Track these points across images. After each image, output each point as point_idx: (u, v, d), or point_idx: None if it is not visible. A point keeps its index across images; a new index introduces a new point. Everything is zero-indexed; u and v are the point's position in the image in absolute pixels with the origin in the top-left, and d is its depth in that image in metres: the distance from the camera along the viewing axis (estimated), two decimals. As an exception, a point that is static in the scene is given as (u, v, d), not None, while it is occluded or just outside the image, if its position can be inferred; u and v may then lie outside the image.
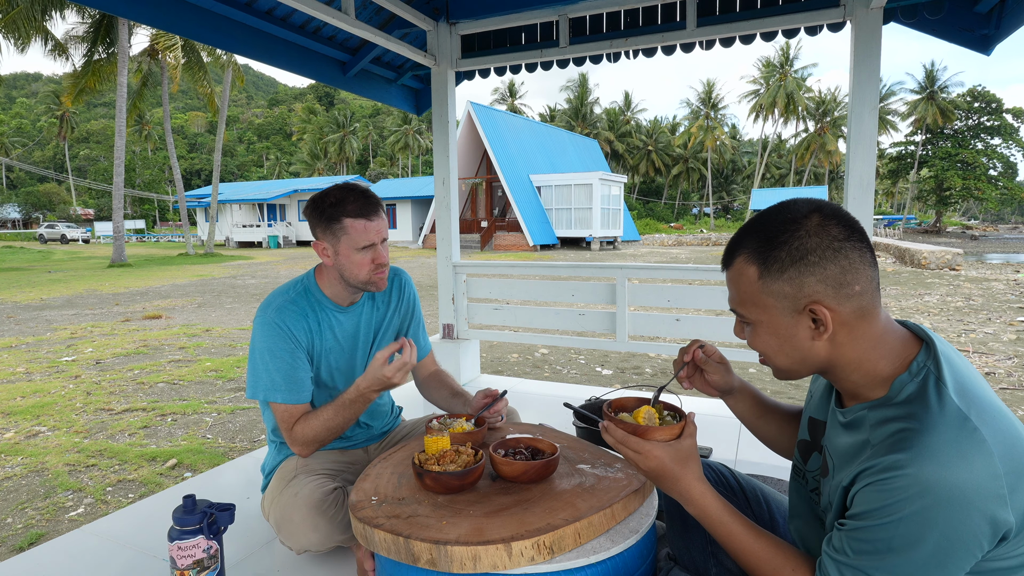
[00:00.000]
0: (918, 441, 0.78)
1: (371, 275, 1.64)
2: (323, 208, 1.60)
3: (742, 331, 1.00)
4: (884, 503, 0.77)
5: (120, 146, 21.00)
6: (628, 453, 1.04)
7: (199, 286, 13.74)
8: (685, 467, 1.02)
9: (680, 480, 1.01)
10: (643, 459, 1.02)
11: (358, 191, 1.62)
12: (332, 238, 1.61)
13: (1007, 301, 9.99)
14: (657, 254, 25.78)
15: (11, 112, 71.70)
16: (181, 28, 2.70)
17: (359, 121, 68.48)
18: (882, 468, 0.79)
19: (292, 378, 1.60)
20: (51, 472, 3.28)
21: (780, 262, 0.88)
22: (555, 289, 3.76)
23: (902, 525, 0.76)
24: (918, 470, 0.75)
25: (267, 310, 1.62)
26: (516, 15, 3.28)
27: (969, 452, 0.75)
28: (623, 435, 1.04)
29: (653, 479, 1.04)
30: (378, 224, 1.63)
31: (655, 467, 1.02)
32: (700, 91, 55.61)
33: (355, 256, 1.61)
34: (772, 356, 0.95)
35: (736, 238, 0.95)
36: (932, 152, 43.67)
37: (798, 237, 0.87)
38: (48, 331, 7.79)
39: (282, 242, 34.52)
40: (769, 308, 0.90)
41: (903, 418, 0.83)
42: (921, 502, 0.74)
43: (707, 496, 1.00)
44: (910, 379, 0.87)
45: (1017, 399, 4.60)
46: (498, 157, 27.76)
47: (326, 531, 1.53)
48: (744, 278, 0.92)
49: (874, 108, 2.67)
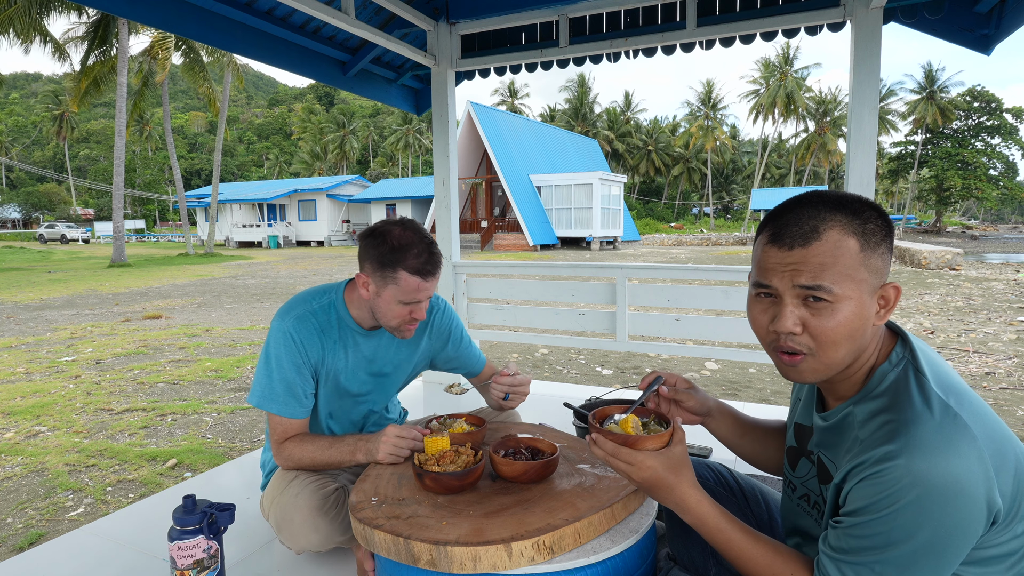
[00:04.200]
0: (905, 431, 0.79)
1: (402, 326, 1.58)
2: (382, 250, 1.50)
3: (807, 314, 0.87)
4: (879, 496, 0.77)
5: (120, 146, 20.99)
6: (619, 466, 1.01)
7: (199, 286, 13.74)
8: (679, 475, 0.99)
9: (675, 489, 0.99)
10: (636, 471, 0.99)
11: (424, 242, 1.52)
12: (380, 281, 1.52)
13: (1007, 301, 9.99)
14: (657, 254, 25.78)
15: (10, 111, 71.65)
16: (181, 28, 2.70)
17: (359, 121, 68.49)
18: (874, 461, 0.79)
19: (291, 392, 1.56)
20: (51, 472, 3.27)
21: (876, 236, 0.86)
22: (555, 289, 3.76)
23: (899, 516, 0.76)
24: (908, 460, 0.76)
25: (286, 317, 1.57)
26: (516, 15, 3.28)
27: (955, 439, 0.76)
28: (613, 447, 1.01)
29: (647, 490, 1.01)
30: (432, 284, 1.55)
31: (648, 477, 0.99)
32: (700, 91, 55.64)
33: (395, 306, 1.53)
34: (843, 340, 0.86)
35: (811, 212, 0.87)
36: (932, 152, 43.63)
37: (875, 216, 0.87)
38: (48, 331, 7.79)
39: (282, 242, 34.53)
40: (862, 284, 0.85)
41: (887, 409, 0.84)
42: (915, 492, 0.75)
43: (703, 504, 0.98)
44: (890, 368, 0.89)
45: (1017, 399, 4.60)
46: (498, 157, 27.76)
47: (327, 532, 1.53)
48: (844, 249, 0.84)
49: (874, 108, 2.66)
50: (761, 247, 0.92)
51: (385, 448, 1.46)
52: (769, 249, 0.90)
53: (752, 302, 0.95)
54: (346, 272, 16.89)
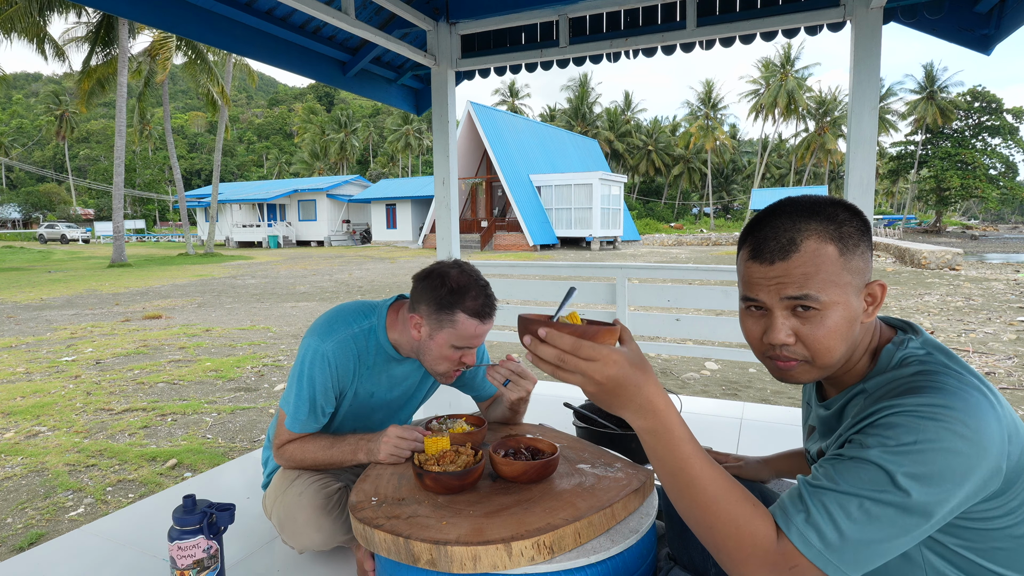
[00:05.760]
0: (941, 387, 0.79)
1: (449, 371, 1.58)
2: (441, 293, 1.48)
3: (798, 323, 0.88)
4: (914, 434, 0.75)
5: (120, 146, 21.00)
6: (579, 364, 0.80)
7: (199, 286, 13.74)
8: (646, 372, 0.82)
9: (643, 387, 0.81)
10: (600, 367, 0.79)
11: (480, 284, 1.51)
12: (435, 323, 1.50)
13: (1007, 301, 9.99)
14: (657, 254, 25.78)
15: (12, 112, 71.66)
16: (181, 28, 2.70)
17: (359, 121, 68.49)
18: (913, 405, 0.78)
19: (313, 412, 1.57)
20: (51, 472, 3.28)
21: (852, 238, 0.88)
22: (555, 289, 3.76)
23: (929, 457, 0.74)
24: (963, 414, 0.75)
25: (327, 339, 1.55)
26: (516, 15, 3.28)
27: (982, 402, 0.78)
28: (573, 341, 0.80)
29: (609, 392, 0.81)
30: (487, 329, 1.53)
31: (615, 375, 0.80)
32: (700, 91, 55.64)
33: (447, 350, 1.52)
34: (836, 344, 0.88)
35: (786, 223, 0.88)
36: (932, 152, 43.66)
37: (850, 217, 0.89)
38: (48, 331, 7.79)
39: (282, 242, 34.54)
40: (846, 287, 0.87)
41: (909, 375, 0.85)
42: (961, 442, 0.74)
43: (671, 409, 0.83)
44: (896, 348, 0.91)
45: (1017, 399, 4.60)
46: (498, 157, 27.77)
47: (330, 531, 1.54)
48: (824, 257, 0.86)
49: (874, 108, 2.66)
50: (744, 263, 0.93)
51: (386, 448, 1.46)
52: (752, 265, 0.91)
53: (744, 315, 0.97)
54: (345, 272, 16.89)
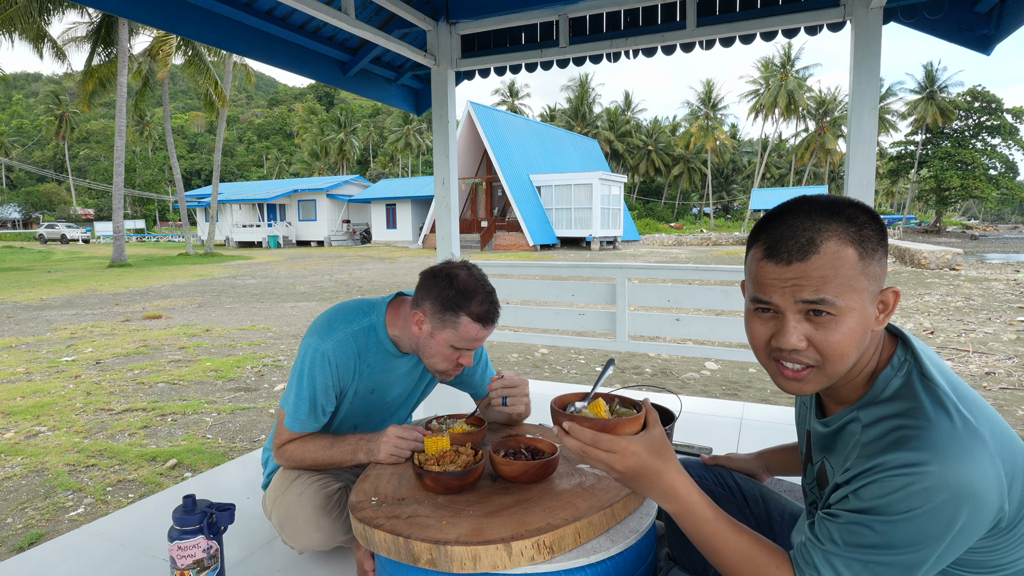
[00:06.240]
0: (925, 437, 0.77)
1: (448, 370, 1.59)
2: (448, 293, 1.49)
3: (811, 328, 0.85)
4: (899, 499, 0.75)
5: (120, 146, 21.00)
6: (600, 455, 0.91)
7: (199, 286, 13.74)
8: (665, 459, 0.91)
9: (663, 475, 0.91)
10: (619, 459, 0.90)
11: (487, 289, 1.53)
12: (437, 322, 1.51)
13: (1007, 301, 9.99)
14: (657, 254, 25.78)
15: (12, 112, 71.65)
16: (181, 28, 2.70)
17: (359, 121, 68.48)
18: (895, 465, 0.76)
19: (313, 412, 1.57)
20: (51, 472, 3.28)
21: (872, 242, 0.83)
22: (555, 289, 3.76)
23: (915, 520, 0.75)
24: (940, 468, 0.74)
25: (327, 338, 1.55)
26: (516, 15, 3.28)
27: (974, 448, 0.75)
28: (592, 435, 0.91)
29: (631, 479, 0.92)
30: (488, 333, 1.55)
31: (633, 465, 0.90)
32: (700, 91, 55.62)
33: (446, 350, 1.53)
34: (849, 351, 0.84)
35: (805, 222, 0.83)
36: (932, 152, 43.65)
37: (869, 220, 0.84)
38: (48, 331, 7.79)
39: (282, 242, 34.54)
40: (863, 293, 0.83)
41: (899, 415, 0.82)
42: (940, 497, 0.73)
43: (692, 492, 0.92)
44: (893, 373, 0.87)
45: (1017, 399, 4.60)
46: (498, 157, 27.76)
47: (330, 531, 1.53)
48: (843, 260, 0.82)
49: (874, 108, 2.66)
50: (756, 262, 0.87)
51: (386, 448, 1.46)
52: (766, 264, 0.86)
53: (750, 317, 0.91)
54: (345, 272, 16.89)
